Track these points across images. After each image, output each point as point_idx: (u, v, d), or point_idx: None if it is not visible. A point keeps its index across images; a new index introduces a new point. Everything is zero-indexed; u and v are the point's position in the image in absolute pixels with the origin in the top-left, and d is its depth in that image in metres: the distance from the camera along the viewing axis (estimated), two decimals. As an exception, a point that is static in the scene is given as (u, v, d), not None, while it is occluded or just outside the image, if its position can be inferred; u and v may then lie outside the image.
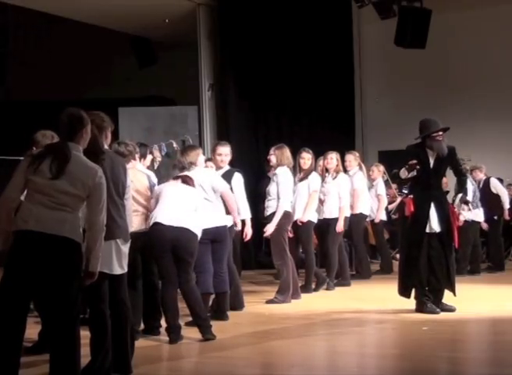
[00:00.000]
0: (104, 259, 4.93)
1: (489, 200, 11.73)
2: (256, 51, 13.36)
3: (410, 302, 7.78)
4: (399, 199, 13.41)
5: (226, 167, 8.06)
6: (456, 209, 8.97)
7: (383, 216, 11.78)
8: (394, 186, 13.54)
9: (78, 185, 4.51)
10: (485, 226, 11.75)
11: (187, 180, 6.85)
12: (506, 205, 11.81)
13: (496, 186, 11.79)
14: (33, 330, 5.86)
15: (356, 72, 15.21)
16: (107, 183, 4.75)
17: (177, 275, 6.53)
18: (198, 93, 13.77)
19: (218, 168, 7.99)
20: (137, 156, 6.88)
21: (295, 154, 9.52)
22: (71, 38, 15.69)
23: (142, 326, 6.83)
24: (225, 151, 8.03)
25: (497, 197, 11.76)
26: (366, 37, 15.34)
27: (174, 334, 6.48)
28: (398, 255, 13.26)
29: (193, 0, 13.53)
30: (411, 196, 7.77)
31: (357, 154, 11.36)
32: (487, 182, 11.80)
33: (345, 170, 10.55)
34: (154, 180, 7.08)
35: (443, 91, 14.50)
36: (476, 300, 8.39)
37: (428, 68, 14.65)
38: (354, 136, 14.84)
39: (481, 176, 11.82)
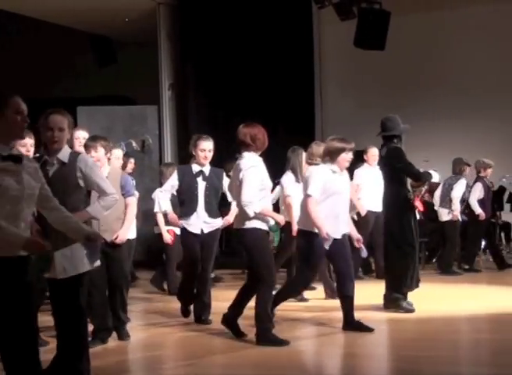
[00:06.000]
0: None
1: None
2: (216, 50, 13.37)
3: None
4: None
5: (208, 165, 7.66)
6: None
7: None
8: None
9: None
10: None
11: None
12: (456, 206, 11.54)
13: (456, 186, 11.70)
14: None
15: (316, 72, 15.26)
16: None
17: None
18: (158, 92, 13.73)
19: (201, 165, 7.60)
20: None
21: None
22: (30, 36, 15.53)
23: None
24: (208, 147, 7.57)
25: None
26: (326, 38, 15.37)
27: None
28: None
29: (153, -1, 13.52)
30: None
31: None
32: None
33: None
34: None
35: (404, 90, 14.61)
36: (451, 299, 8.51)
37: (388, 68, 14.74)
38: (314, 136, 14.89)
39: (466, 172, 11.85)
